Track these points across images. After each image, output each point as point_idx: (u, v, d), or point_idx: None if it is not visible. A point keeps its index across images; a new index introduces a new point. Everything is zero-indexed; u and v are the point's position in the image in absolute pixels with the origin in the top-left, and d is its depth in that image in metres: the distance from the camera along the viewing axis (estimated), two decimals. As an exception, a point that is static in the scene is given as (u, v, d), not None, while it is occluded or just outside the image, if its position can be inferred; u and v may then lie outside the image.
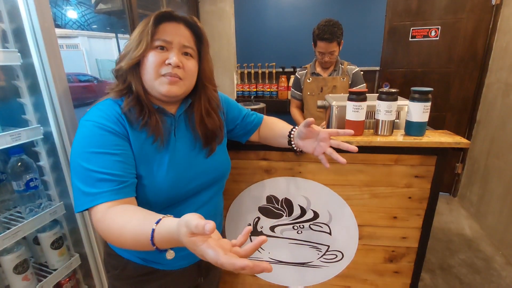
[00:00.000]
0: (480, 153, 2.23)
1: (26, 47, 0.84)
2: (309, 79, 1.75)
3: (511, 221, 1.78)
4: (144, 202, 0.64)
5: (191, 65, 0.67)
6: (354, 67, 1.71)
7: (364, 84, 1.70)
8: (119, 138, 0.60)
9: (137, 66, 0.64)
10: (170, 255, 0.48)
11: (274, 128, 0.88)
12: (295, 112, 1.87)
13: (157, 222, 0.45)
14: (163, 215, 0.48)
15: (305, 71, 1.80)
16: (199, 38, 0.69)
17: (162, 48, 0.63)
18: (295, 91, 1.85)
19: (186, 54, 0.66)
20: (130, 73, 0.64)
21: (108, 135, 0.59)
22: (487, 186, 2.09)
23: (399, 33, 2.39)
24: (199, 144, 0.73)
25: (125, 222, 0.50)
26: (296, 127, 0.81)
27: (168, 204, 0.68)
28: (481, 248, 1.90)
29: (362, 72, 1.75)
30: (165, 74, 0.63)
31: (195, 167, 0.71)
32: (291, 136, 0.81)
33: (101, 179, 0.56)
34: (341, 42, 1.62)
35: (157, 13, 0.63)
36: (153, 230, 0.45)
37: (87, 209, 0.56)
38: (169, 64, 0.62)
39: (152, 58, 0.62)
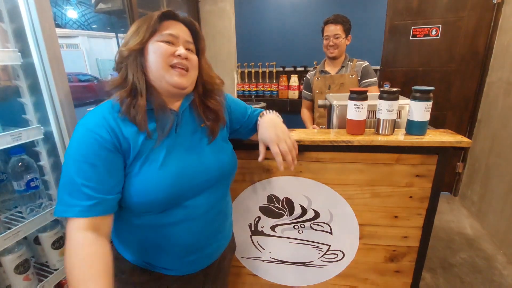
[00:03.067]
0: (481, 152, 2.23)
1: (26, 47, 0.84)
2: (317, 78, 1.76)
3: (513, 220, 1.78)
4: (144, 201, 0.63)
5: (194, 57, 0.70)
6: (363, 61, 1.70)
7: (375, 78, 1.67)
8: (106, 148, 0.59)
9: (139, 56, 0.64)
10: None
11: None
12: (304, 113, 1.89)
13: None
14: None
15: (314, 71, 1.82)
16: (196, 36, 0.71)
17: (168, 42, 0.65)
18: (305, 91, 1.87)
19: (188, 49, 0.68)
20: (131, 62, 0.64)
21: (95, 144, 0.58)
22: (488, 185, 2.09)
23: (400, 32, 2.38)
24: (204, 140, 0.73)
25: (76, 267, 0.53)
26: (268, 111, 0.87)
27: (171, 204, 0.66)
28: (482, 247, 1.90)
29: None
30: (174, 65, 0.65)
31: (198, 163, 0.70)
32: (257, 125, 0.85)
33: (78, 189, 0.56)
34: (349, 35, 1.66)
35: (162, 11, 0.66)
36: None
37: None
38: (178, 55, 0.64)
39: (162, 49, 0.64)
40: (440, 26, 2.27)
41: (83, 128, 0.60)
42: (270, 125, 0.80)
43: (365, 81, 1.66)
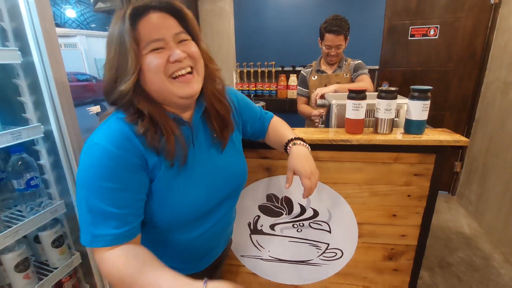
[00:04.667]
0: (478, 151, 2.24)
1: (26, 46, 0.84)
2: (314, 77, 1.75)
3: (510, 219, 1.79)
4: (166, 222, 0.61)
5: (193, 47, 0.60)
6: (356, 60, 1.70)
7: (366, 70, 1.65)
8: (130, 170, 0.53)
9: (137, 86, 0.56)
10: None
11: (277, 134, 0.86)
12: (302, 106, 1.82)
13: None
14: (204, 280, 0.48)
15: (310, 69, 1.80)
16: (183, 18, 0.60)
17: (157, 49, 0.55)
18: (302, 89, 1.84)
19: (181, 41, 0.58)
20: (134, 93, 0.56)
21: (117, 166, 0.52)
22: (486, 184, 2.10)
23: (398, 32, 2.39)
24: (219, 149, 0.68)
25: (138, 271, 0.50)
26: (300, 140, 0.80)
27: (193, 221, 0.65)
28: (479, 246, 1.91)
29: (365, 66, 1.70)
30: (174, 75, 0.56)
31: (221, 177, 0.67)
32: (287, 149, 0.80)
33: (105, 217, 0.52)
34: (347, 38, 1.63)
35: (129, 11, 0.53)
36: None
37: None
38: (175, 61, 0.55)
39: (154, 62, 0.54)
40: (438, 26, 2.28)
41: (99, 149, 0.52)
42: (304, 157, 0.76)
43: (356, 73, 1.66)
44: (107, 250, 0.53)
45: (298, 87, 1.88)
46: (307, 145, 0.80)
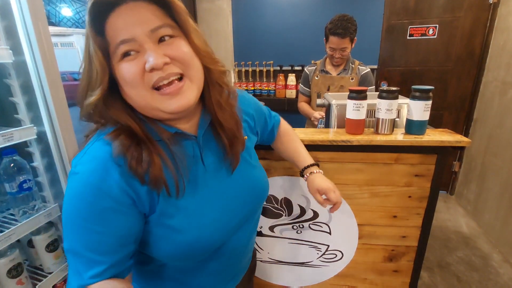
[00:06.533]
0: (477, 151, 2.24)
1: (18, 45, 0.82)
2: (317, 76, 1.72)
3: (508, 218, 1.80)
4: (173, 259, 0.52)
5: (180, 47, 0.45)
6: (365, 68, 1.65)
7: (373, 87, 1.64)
8: (114, 207, 0.43)
9: (110, 93, 0.45)
10: None
11: (288, 147, 0.84)
12: (303, 105, 1.80)
13: None
14: None
15: (314, 67, 1.76)
16: (165, 5, 0.44)
17: (129, 53, 0.43)
18: (304, 87, 1.80)
19: (162, 39, 0.44)
20: (111, 109, 0.45)
21: (99, 203, 0.42)
22: (484, 184, 2.10)
23: (397, 31, 2.38)
24: (226, 169, 0.56)
25: None
26: (315, 167, 0.81)
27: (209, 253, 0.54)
28: (478, 246, 1.91)
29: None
30: (158, 86, 0.44)
31: (228, 204, 0.55)
32: (304, 175, 0.82)
33: (88, 261, 0.44)
34: (354, 39, 1.57)
35: (89, 5, 0.41)
36: None
37: None
38: (152, 70, 0.42)
39: (126, 73, 0.42)
40: (437, 25, 2.28)
41: (80, 180, 0.43)
42: (324, 178, 0.79)
43: (362, 86, 1.64)
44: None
45: (300, 84, 1.85)
46: (321, 170, 0.82)
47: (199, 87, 0.48)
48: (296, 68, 2.69)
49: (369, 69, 1.65)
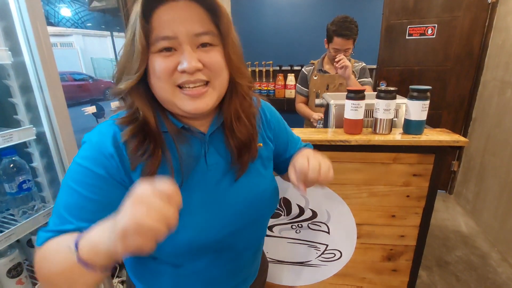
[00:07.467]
0: (476, 150, 2.25)
1: (17, 46, 0.82)
2: (315, 76, 1.72)
3: (507, 218, 1.80)
4: (167, 253, 0.50)
5: (216, 57, 0.47)
6: (360, 63, 1.68)
7: (369, 79, 1.65)
8: (105, 177, 0.45)
9: (141, 84, 0.47)
10: None
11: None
12: (301, 106, 1.80)
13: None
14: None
15: (312, 67, 1.76)
16: (214, 12, 0.45)
17: (168, 49, 0.44)
18: (301, 87, 1.80)
19: (204, 45, 0.46)
20: (133, 93, 0.47)
21: (93, 169, 0.45)
22: (483, 183, 2.11)
23: (396, 31, 2.38)
24: (230, 174, 0.54)
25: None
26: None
27: (197, 256, 0.53)
28: (477, 245, 1.92)
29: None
30: (182, 85, 0.46)
31: (225, 210, 0.53)
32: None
33: (60, 218, 0.44)
34: (355, 41, 1.59)
35: None
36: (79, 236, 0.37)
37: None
38: (183, 72, 0.44)
39: (158, 66, 0.44)
40: (436, 25, 2.28)
41: (83, 150, 0.47)
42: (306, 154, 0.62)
43: (360, 80, 1.65)
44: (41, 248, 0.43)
45: (297, 84, 1.84)
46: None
47: (220, 95, 0.50)
48: (296, 68, 2.69)
49: (364, 63, 1.69)
